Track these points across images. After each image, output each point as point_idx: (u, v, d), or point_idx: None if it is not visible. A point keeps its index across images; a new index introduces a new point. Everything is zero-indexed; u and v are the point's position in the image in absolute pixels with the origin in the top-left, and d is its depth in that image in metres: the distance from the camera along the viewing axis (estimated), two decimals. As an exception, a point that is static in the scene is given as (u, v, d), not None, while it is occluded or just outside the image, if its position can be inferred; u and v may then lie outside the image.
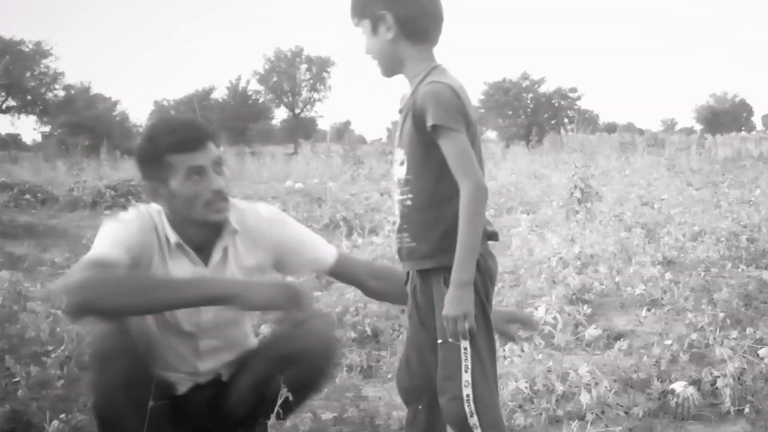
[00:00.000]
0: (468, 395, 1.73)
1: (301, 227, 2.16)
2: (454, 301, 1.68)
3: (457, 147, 1.67)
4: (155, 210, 1.98)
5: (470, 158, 1.68)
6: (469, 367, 1.73)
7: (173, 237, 1.94)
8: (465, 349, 1.73)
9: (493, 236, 1.79)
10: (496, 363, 1.87)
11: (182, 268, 1.95)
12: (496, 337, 1.88)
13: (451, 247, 1.69)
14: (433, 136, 1.68)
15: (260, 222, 2.05)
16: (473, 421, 1.73)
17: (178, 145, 1.88)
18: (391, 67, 1.82)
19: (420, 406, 1.91)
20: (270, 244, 2.05)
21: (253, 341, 2.21)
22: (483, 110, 44.02)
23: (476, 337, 1.73)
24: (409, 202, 1.77)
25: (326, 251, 2.13)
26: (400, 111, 1.83)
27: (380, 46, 1.78)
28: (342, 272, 2.16)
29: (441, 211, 1.73)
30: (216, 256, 1.99)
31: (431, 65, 1.78)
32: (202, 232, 1.97)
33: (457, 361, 1.74)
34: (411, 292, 1.89)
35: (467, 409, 1.73)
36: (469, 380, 1.73)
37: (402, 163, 1.78)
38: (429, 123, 1.66)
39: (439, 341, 1.78)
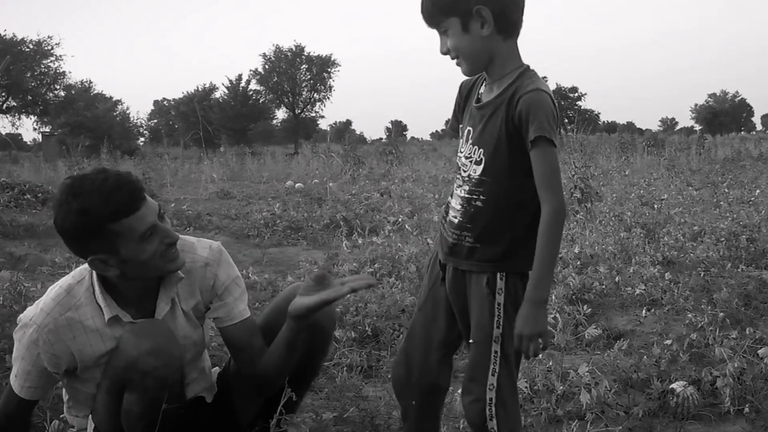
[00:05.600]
0: (491, 399, 1.73)
1: (233, 272, 2.00)
2: (530, 320, 1.64)
3: (551, 162, 1.64)
4: (82, 279, 1.84)
5: (559, 176, 1.66)
6: (497, 370, 1.73)
7: (107, 312, 1.81)
8: (495, 352, 1.72)
9: None
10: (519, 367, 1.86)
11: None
12: None
13: (517, 255, 1.69)
14: (527, 145, 1.64)
15: (197, 264, 1.93)
16: (492, 424, 1.73)
17: (122, 211, 1.68)
18: (481, 65, 1.74)
19: (413, 402, 1.90)
20: (204, 287, 1.95)
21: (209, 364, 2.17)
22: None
23: (507, 342, 1.72)
24: (479, 203, 1.73)
25: (241, 310, 1.98)
26: (480, 107, 1.76)
27: (472, 44, 1.68)
28: (234, 336, 1.98)
29: (514, 219, 1.71)
30: (163, 306, 1.88)
31: (522, 65, 1.73)
32: (146, 285, 1.86)
33: (486, 363, 1.73)
34: (432, 284, 1.87)
35: (488, 413, 1.73)
36: (495, 384, 1.73)
37: (479, 163, 1.73)
38: (533, 134, 1.61)
39: (471, 342, 1.77)
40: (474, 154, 1.74)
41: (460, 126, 1.85)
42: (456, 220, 1.78)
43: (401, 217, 7.44)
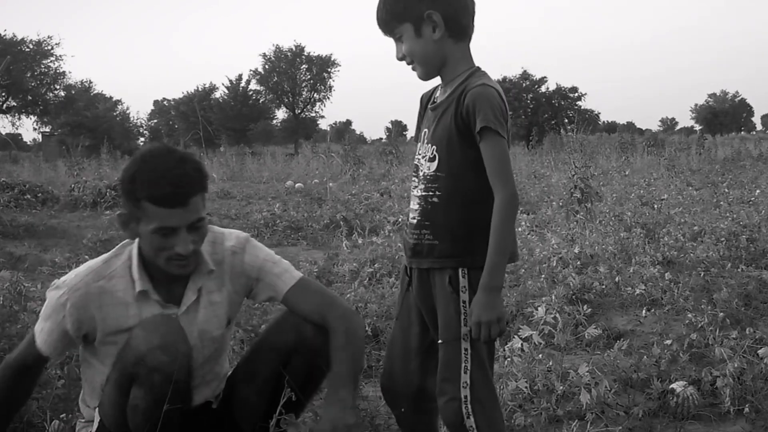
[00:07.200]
0: (466, 397, 1.72)
1: (262, 252, 2.02)
2: (486, 307, 1.66)
3: (499, 153, 1.66)
4: (122, 253, 1.90)
5: (509, 166, 1.68)
6: (469, 368, 1.73)
7: (139, 285, 1.85)
8: (466, 350, 1.73)
9: (514, 257, 1.77)
10: (494, 364, 1.87)
11: (151, 310, 1.87)
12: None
13: (477, 250, 1.69)
14: (476, 138, 1.67)
15: (226, 255, 1.97)
16: (470, 422, 1.72)
17: (156, 198, 1.74)
18: (434, 68, 1.79)
19: (402, 409, 1.91)
20: (234, 275, 1.98)
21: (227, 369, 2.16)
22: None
23: (477, 339, 1.72)
24: (435, 199, 1.75)
25: (284, 279, 1.99)
26: (433, 108, 1.80)
27: (425, 48, 1.74)
28: (292, 303, 1.99)
29: (470, 213, 1.72)
30: (190, 296, 1.91)
31: (473, 65, 1.78)
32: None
33: (457, 362, 1.73)
34: (404, 292, 1.89)
35: (464, 411, 1.72)
36: (468, 381, 1.72)
37: (432, 159, 1.76)
38: (478, 125, 1.65)
39: (440, 341, 1.77)
40: (428, 152, 1.78)
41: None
42: (415, 221, 1.80)
43: (401, 217, 7.43)
